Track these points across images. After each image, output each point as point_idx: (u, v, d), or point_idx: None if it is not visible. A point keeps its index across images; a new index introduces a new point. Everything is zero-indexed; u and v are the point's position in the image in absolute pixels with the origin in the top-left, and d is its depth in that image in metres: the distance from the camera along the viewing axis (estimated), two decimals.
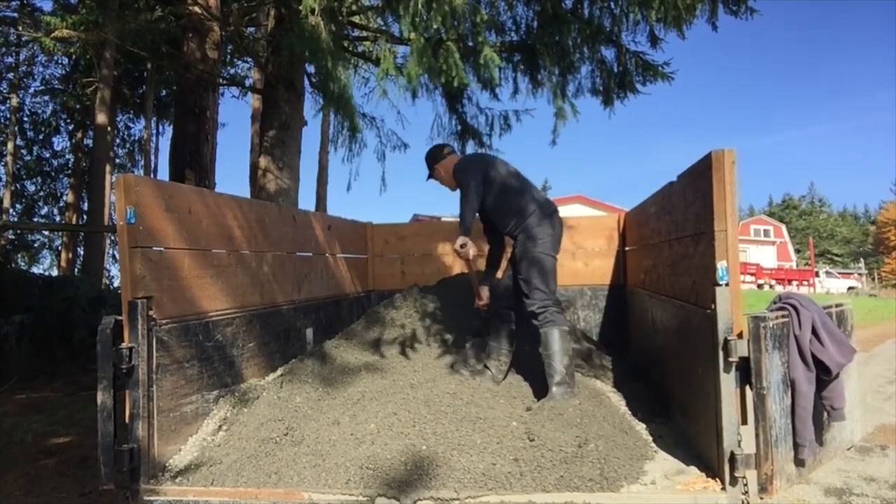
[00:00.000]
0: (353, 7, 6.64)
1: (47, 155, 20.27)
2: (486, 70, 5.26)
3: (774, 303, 2.38)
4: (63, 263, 18.74)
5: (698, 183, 2.37)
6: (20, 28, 13.63)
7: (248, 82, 13.38)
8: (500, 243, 3.53)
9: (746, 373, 2.09)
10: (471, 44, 5.34)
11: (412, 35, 4.61)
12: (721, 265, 2.14)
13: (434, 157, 3.53)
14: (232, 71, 14.83)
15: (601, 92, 6.56)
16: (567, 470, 2.21)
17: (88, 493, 3.48)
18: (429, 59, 4.69)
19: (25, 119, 19.21)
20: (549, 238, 3.12)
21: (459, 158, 3.49)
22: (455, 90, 5.18)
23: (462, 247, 3.04)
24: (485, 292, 3.46)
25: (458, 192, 3.27)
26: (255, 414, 2.69)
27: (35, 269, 20.73)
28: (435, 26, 4.55)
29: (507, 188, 3.23)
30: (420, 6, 4.39)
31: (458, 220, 3.15)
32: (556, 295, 3.10)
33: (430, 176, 3.58)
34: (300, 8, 4.55)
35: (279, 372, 3.23)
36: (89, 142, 17.35)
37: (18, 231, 18.93)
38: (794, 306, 2.27)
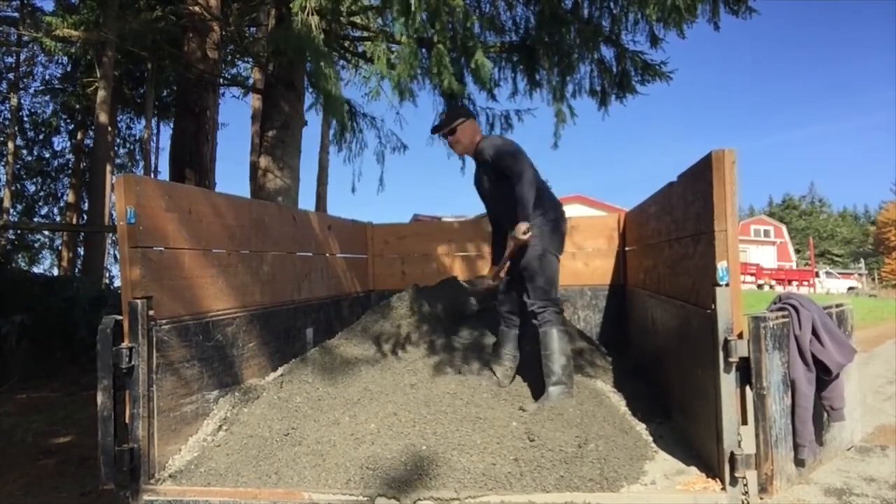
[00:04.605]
0: (353, 7, 6.64)
1: (47, 155, 20.27)
2: (480, 73, 5.27)
3: (774, 303, 2.38)
4: (64, 263, 18.73)
5: (698, 183, 2.37)
6: (21, 28, 13.61)
7: (248, 82, 13.38)
8: (502, 241, 3.36)
9: (746, 373, 2.10)
10: (468, 44, 5.34)
11: (403, 38, 4.61)
12: (721, 265, 2.14)
13: (466, 113, 3.25)
14: (232, 71, 14.83)
15: (599, 92, 6.56)
16: (567, 470, 2.21)
17: (88, 493, 3.48)
18: (417, 62, 4.71)
19: (25, 119, 19.18)
20: (558, 238, 3.10)
21: (497, 137, 3.28)
22: (450, 92, 5.20)
23: (524, 233, 2.92)
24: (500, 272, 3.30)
25: (466, 159, 3.09)
26: (255, 414, 2.69)
27: (35, 269, 20.72)
28: (417, 23, 4.54)
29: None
30: (413, 7, 4.39)
31: (521, 204, 2.93)
32: (557, 295, 3.09)
33: (446, 130, 3.22)
34: (291, 6, 4.57)
35: (279, 372, 3.23)
36: (89, 142, 17.34)
37: (18, 231, 18.92)
38: (794, 306, 2.27)
